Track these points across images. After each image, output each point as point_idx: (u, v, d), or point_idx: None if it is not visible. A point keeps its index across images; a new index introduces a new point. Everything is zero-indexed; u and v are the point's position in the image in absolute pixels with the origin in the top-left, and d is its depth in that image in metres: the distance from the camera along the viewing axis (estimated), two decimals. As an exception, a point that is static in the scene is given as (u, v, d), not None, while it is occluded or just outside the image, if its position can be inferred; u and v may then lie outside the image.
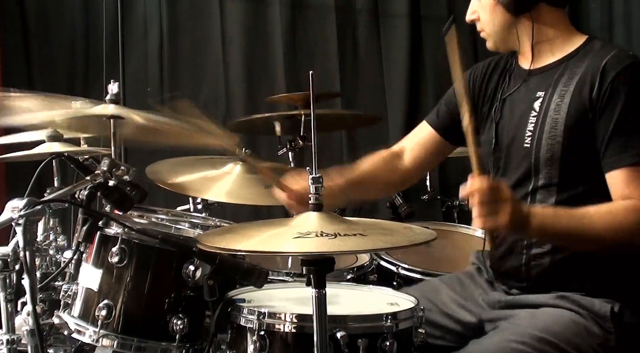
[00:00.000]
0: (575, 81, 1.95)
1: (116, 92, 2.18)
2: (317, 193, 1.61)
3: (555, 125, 1.95)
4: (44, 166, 2.02)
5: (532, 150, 1.98)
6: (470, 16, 2.13)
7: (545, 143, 1.96)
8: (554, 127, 1.95)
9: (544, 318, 1.91)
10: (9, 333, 1.79)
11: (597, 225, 1.82)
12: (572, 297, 1.93)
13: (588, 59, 1.97)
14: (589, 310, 1.90)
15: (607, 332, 1.89)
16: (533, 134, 1.99)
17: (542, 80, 2.04)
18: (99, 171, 1.91)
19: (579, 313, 1.91)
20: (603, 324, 1.89)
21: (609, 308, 1.89)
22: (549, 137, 1.95)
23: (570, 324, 1.89)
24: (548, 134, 1.96)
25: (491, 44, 2.12)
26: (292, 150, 3.16)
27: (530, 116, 2.01)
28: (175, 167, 2.74)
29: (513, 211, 1.74)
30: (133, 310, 1.95)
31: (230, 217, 2.95)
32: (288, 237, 1.55)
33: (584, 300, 1.91)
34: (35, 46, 4.21)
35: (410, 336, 1.86)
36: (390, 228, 1.74)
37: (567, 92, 1.96)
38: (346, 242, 1.52)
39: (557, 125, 1.95)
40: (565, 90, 1.96)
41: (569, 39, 2.04)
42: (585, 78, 1.94)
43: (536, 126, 1.99)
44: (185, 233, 2.27)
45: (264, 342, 1.79)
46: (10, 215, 1.78)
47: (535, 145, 1.98)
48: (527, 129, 2.01)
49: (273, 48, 4.06)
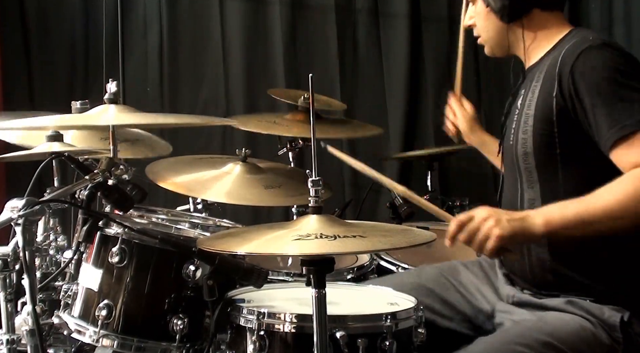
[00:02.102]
0: (543, 75, 1.97)
1: (115, 91, 2.17)
2: (316, 196, 1.61)
3: (527, 120, 1.97)
4: (44, 166, 2.01)
5: (513, 147, 2.01)
6: (467, 22, 2.18)
7: (520, 138, 1.98)
8: (525, 122, 1.97)
9: (552, 322, 1.89)
10: (9, 333, 1.79)
11: (609, 201, 1.77)
12: (581, 304, 1.90)
13: (555, 51, 1.99)
14: (599, 318, 1.88)
15: (616, 341, 1.87)
16: (515, 131, 2.02)
17: (527, 80, 2.07)
18: (98, 171, 1.91)
19: (588, 320, 1.88)
20: (612, 333, 1.87)
21: (618, 318, 1.87)
22: (522, 132, 1.98)
23: (578, 330, 1.87)
24: (522, 130, 1.98)
25: (488, 50, 2.17)
26: (292, 151, 3.15)
27: (515, 115, 2.04)
28: (175, 166, 2.74)
29: (502, 225, 1.77)
30: (133, 310, 1.95)
31: (230, 217, 2.94)
32: (288, 239, 1.55)
33: (594, 308, 1.89)
34: (35, 46, 4.20)
35: (410, 336, 1.86)
36: (389, 230, 1.75)
37: (537, 87, 1.98)
38: (346, 244, 1.52)
39: (528, 120, 1.97)
40: (536, 85, 1.98)
41: (553, 36, 2.04)
42: (550, 70, 1.95)
43: (517, 123, 2.02)
44: (185, 233, 2.28)
45: (264, 342, 1.79)
46: (9, 215, 1.78)
47: (515, 141, 2.01)
48: (512, 127, 2.04)
49: (273, 48, 4.06)
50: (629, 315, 1.88)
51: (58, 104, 3.23)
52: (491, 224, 1.78)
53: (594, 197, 1.80)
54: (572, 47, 1.92)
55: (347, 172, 3.99)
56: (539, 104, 1.95)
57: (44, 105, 3.69)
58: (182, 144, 3.98)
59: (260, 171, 2.71)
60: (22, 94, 4.13)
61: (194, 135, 4.02)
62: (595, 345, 1.86)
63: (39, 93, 4.15)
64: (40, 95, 4.14)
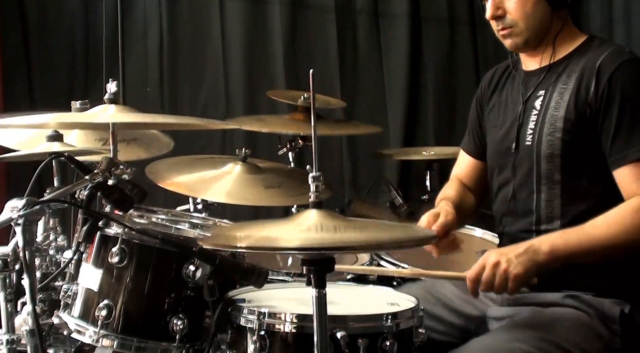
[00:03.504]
0: (573, 79, 1.97)
1: (114, 91, 2.17)
2: (317, 191, 1.61)
3: (554, 122, 1.97)
4: (44, 166, 2.01)
5: (534, 148, 2.00)
6: (495, 12, 2.03)
7: (545, 139, 1.98)
8: (553, 124, 1.97)
9: (549, 317, 1.91)
10: (9, 333, 1.78)
11: (609, 233, 1.85)
12: (582, 297, 1.92)
13: (586, 57, 1.99)
14: (598, 311, 1.90)
15: (614, 333, 1.89)
16: (534, 132, 2.01)
17: (544, 80, 2.05)
18: (98, 171, 1.91)
19: (587, 313, 1.90)
20: (610, 326, 1.89)
21: (618, 310, 1.89)
22: (549, 134, 1.97)
23: (576, 324, 1.89)
24: (548, 131, 1.98)
25: (521, 41, 2.04)
26: (292, 150, 3.16)
27: (531, 114, 2.03)
28: (175, 166, 2.74)
29: (514, 265, 1.81)
30: (133, 310, 1.94)
31: (230, 217, 2.95)
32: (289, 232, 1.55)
33: (594, 301, 1.91)
34: (35, 46, 4.20)
35: (410, 336, 1.85)
36: (390, 225, 1.75)
37: (567, 90, 1.98)
38: (346, 235, 1.52)
39: (556, 122, 1.97)
40: (565, 88, 1.98)
41: (573, 37, 2.06)
42: (583, 76, 1.95)
43: (536, 124, 2.01)
44: (185, 233, 2.28)
45: (264, 342, 1.79)
46: (9, 215, 1.78)
47: (536, 142, 1.99)
48: (528, 127, 2.02)
49: (273, 48, 4.06)
50: (629, 308, 1.90)
51: (58, 104, 3.23)
52: (504, 267, 1.82)
53: (595, 229, 1.86)
54: (611, 56, 1.93)
55: (347, 172, 3.99)
56: (571, 107, 1.95)
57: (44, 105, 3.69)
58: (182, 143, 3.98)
59: (260, 171, 2.71)
60: (22, 94, 4.13)
61: (194, 135, 4.02)
62: (592, 337, 1.88)
63: (39, 93, 4.16)
64: (40, 95, 4.15)
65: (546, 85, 2.04)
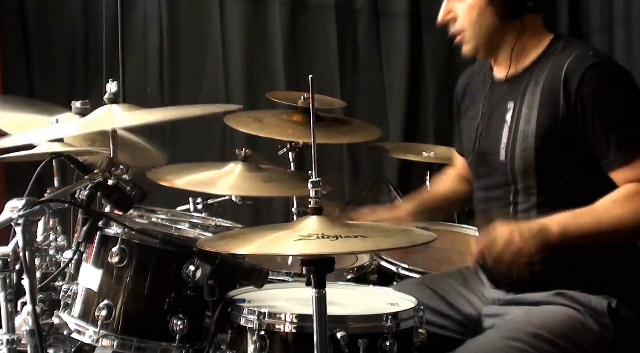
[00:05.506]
0: (539, 89, 1.95)
1: (115, 91, 2.17)
2: (316, 197, 1.61)
3: (525, 137, 1.95)
4: (44, 166, 2.01)
5: (507, 163, 1.99)
6: (445, 16, 2.03)
7: (518, 155, 1.96)
8: (524, 139, 1.95)
9: (540, 314, 1.92)
10: (9, 333, 1.78)
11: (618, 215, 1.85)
12: (569, 294, 1.94)
13: (550, 62, 1.96)
14: (586, 306, 1.91)
15: (604, 327, 1.90)
16: (507, 147, 1.99)
17: (512, 89, 2.02)
18: (98, 171, 1.91)
19: (576, 310, 1.91)
20: (600, 320, 1.90)
21: (605, 304, 1.90)
22: (522, 150, 1.96)
23: (567, 320, 1.90)
24: (520, 147, 1.96)
25: (470, 48, 2.03)
26: (292, 151, 3.15)
27: (504, 128, 2.01)
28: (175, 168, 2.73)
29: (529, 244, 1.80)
30: (133, 310, 1.94)
31: (230, 217, 2.94)
32: (290, 239, 1.55)
33: (582, 297, 1.92)
34: (36, 47, 4.21)
35: (410, 336, 1.85)
36: (390, 230, 1.75)
37: (534, 102, 1.95)
38: (347, 243, 1.52)
39: (527, 137, 1.95)
40: (532, 100, 1.95)
41: (536, 43, 2.02)
42: (550, 86, 1.93)
43: (508, 139, 1.99)
44: (185, 233, 2.28)
45: (264, 342, 1.79)
46: (9, 215, 1.77)
47: (510, 158, 1.98)
48: (501, 142, 2.01)
49: (273, 48, 4.06)
50: (616, 302, 1.91)
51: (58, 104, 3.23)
52: (518, 245, 1.81)
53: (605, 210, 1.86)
54: (575, 64, 1.90)
55: (347, 172, 3.99)
56: (541, 122, 1.93)
57: (44, 105, 3.70)
58: (181, 146, 3.99)
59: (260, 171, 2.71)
60: (22, 94, 4.12)
61: (194, 136, 4.02)
62: (584, 331, 1.89)
63: (39, 93, 4.16)
64: (41, 95, 4.14)
65: (514, 96, 2.00)
